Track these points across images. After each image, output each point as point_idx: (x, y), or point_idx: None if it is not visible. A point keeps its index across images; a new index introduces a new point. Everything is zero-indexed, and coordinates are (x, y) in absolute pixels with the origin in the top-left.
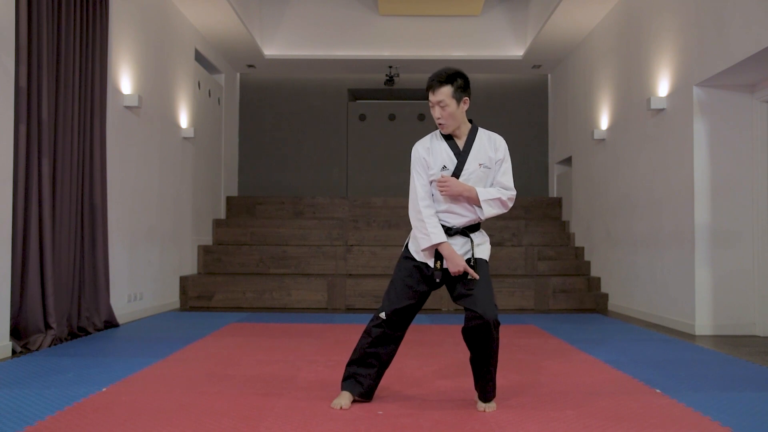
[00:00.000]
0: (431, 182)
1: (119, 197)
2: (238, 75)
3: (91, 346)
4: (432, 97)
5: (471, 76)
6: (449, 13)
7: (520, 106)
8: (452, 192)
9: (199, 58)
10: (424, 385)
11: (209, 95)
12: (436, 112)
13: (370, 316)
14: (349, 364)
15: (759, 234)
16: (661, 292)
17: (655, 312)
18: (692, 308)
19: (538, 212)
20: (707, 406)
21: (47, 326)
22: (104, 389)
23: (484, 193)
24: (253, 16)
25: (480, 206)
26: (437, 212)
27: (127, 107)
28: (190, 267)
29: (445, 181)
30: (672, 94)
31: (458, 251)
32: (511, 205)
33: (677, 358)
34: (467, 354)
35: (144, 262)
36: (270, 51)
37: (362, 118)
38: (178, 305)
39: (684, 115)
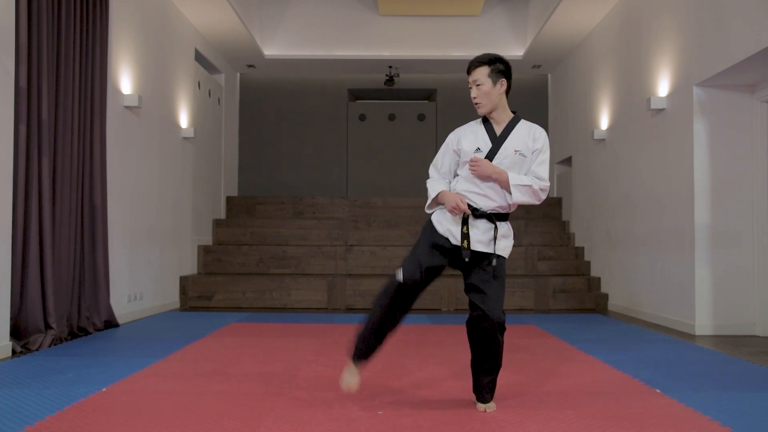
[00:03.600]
0: (465, 162)
1: (119, 197)
2: (238, 75)
3: (91, 346)
4: (470, 78)
5: None
6: (449, 13)
7: (520, 106)
8: (482, 172)
9: (199, 58)
10: (424, 385)
11: (209, 95)
12: (472, 92)
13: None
14: (358, 339)
15: (759, 234)
16: (661, 292)
17: (655, 312)
18: (692, 308)
19: (538, 212)
20: (707, 406)
21: (47, 326)
22: (104, 389)
23: (515, 179)
24: (253, 16)
25: (509, 191)
26: (470, 192)
27: (127, 107)
28: (190, 267)
29: (476, 161)
30: (672, 94)
31: (481, 236)
32: (543, 196)
33: (677, 358)
34: (467, 354)
35: (144, 262)
36: (270, 51)
37: (362, 118)
38: (178, 305)
39: (684, 115)
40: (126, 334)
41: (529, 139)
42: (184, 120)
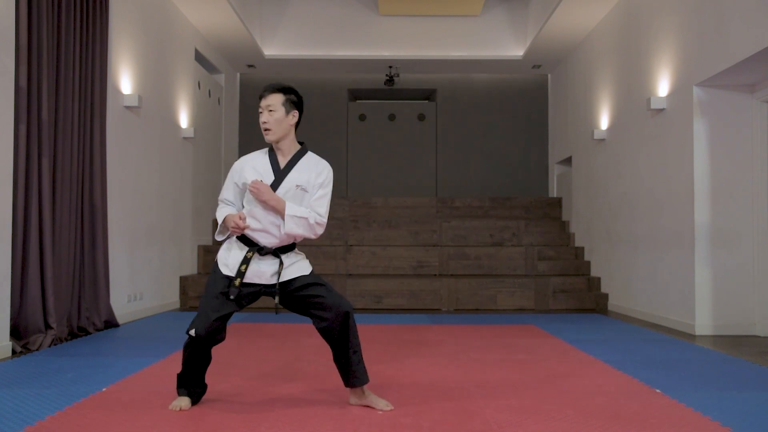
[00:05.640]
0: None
1: (119, 197)
2: (238, 75)
3: (91, 346)
4: (262, 102)
5: (471, 76)
6: (449, 13)
7: (520, 106)
8: (261, 197)
9: (199, 58)
10: (424, 385)
11: (209, 95)
12: (263, 117)
13: (370, 316)
14: (180, 376)
15: (759, 234)
16: (661, 292)
17: (655, 312)
18: (692, 308)
19: (538, 212)
20: (707, 406)
21: (47, 326)
22: (104, 389)
23: (292, 209)
24: (253, 16)
25: (284, 220)
26: (253, 231)
27: (127, 107)
28: (190, 267)
29: (256, 184)
30: (672, 94)
31: (269, 269)
32: (319, 231)
33: (677, 358)
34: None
35: (144, 262)
36: (270, 51)
37: (362, 118)
38: (178, 305)
39: (684, 115)
40: (126, 334)
41: (312, 173)
42: (184, 120)
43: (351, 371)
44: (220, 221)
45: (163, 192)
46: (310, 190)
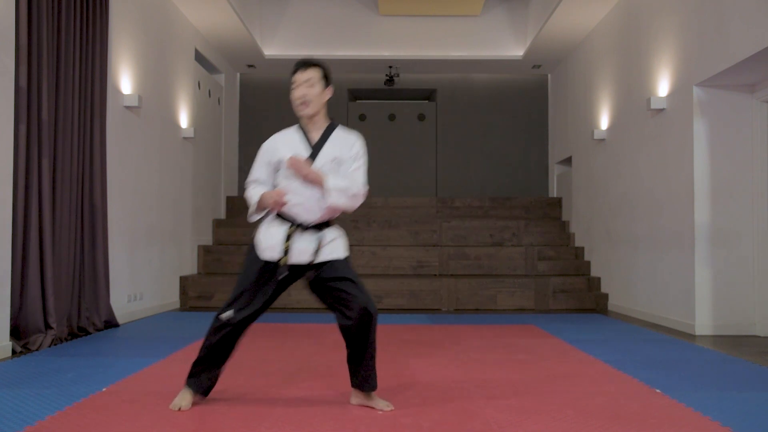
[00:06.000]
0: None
1: (119, 197)
2: (238, 75)
3: (91, 346)
4: (299, 76)
5: (471, 76)
6: (449, 13)
7: (520, 106)
8: (302, 171)
9: (199, 58)
10: (423, 385)
11: (209, 95)
12: (300, 90)
13: None
14: (196, 364)
15: (759, 234)
16: (661, 292)
17: (655, 312)
18: (692, 308)
19: (538, 212)
20: (707, 406)
21: (47, 326)
22: (104, 389)
23: (333, 181)
24: (253, 16)
25: (325, 193)
26: (293, 205)
27: (127, 107)
28: (190, 267)
29: (296, 161)
30: (672, 94)
31: (308, 246)
32: (359, 201)
33: (677, 358)
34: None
35: (144, 262)
36: (270, 51)
37: (362, 118)
38: (178, 305)
39: (684, 115)
40: (126, 334)
41: (346, 146)
42: (184, 120)
43: (365, 375)
44: (255, 200)
45: (163, 192)
46: (345, 163)
